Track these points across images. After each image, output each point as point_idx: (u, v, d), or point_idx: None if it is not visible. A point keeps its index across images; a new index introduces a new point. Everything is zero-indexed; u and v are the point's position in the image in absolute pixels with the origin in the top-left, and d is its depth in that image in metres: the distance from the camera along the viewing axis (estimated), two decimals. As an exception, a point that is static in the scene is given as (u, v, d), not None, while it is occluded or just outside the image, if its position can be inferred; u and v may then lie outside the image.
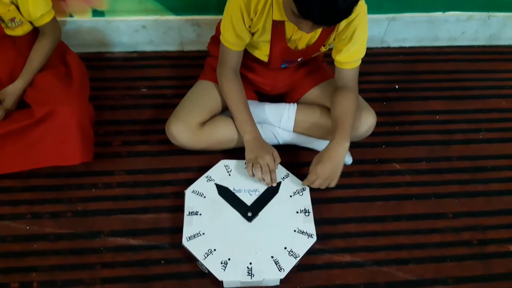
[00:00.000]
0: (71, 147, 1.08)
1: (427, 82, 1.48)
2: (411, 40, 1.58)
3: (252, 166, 1.07)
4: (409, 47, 1.59)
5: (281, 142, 1.22)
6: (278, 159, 1.09)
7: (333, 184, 1.04)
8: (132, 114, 1.31)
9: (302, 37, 1.03)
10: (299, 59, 1.12)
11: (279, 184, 1.11)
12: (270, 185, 1.08)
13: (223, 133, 1.15)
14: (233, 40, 1.04)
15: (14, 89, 1.11)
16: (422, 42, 1.59)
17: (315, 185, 1.04)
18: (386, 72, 1.50)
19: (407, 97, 1.43)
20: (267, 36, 1.03)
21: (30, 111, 1.08)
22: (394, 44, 1.58)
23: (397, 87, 1.46)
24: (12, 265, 1.02)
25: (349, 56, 1.05)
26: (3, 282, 0.99)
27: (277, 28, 1.00)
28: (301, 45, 1.06)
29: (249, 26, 1.02)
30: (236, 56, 1.09)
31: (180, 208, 1.07)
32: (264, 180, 1.07)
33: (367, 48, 1.07)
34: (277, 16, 0.97)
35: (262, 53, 1.11)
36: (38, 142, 1.08)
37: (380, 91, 1.43)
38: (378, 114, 1.16)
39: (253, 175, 1.08)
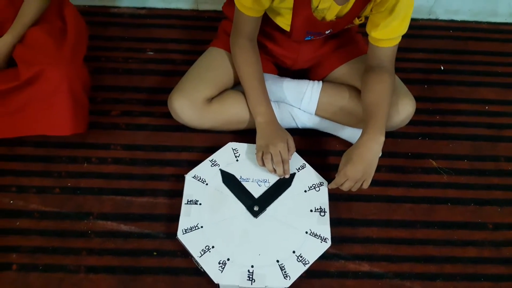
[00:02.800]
0: (60, 115, 0.99)
1: (478, 65, 1.34)
2: (464, 13, 1.44)
3: (263, 154, 0.96)
4: (461, 21, 1.45)
5: (300, 126, 1.10)
6: (293, 149, 0.97)
7: (365, 186, 0.92)
8: (135, 80, 1.22)
9: (331, 6, 0.88)
10: (327, 32, 0.97)
11: (292, 175, 0.99)
12: (282, 176, 0.97)
13: (233, 112, 1.04)
14: (249, 4, 0.89)
15: (1, 44, 1.00)
16: (477, 17, 1.45)
17: (345, 188, 0.92)
18: (431, 49, 1.37)
19: (453, 81, 1.30)
20: (289, 3, 0.88)
21: (16, 71, 0.97)
22: (443, 16, 1.45)
23: (442, 68, 1.33)
24: (-9, 243, 0.96)
25: (387, 33, 0.90)
26: (-21, 261, 0.93)
27: None
28: (330, 16, 0.91)
29: None
30: (253, 24, 0.96)
31: (180, 193, 0.99)
32: (275, 171, 0.96)
33: (411, 19, 0.92)
34: None
35: (285, 21, 0.96)
36: (24, 108, 0.98)
37: (422, 72, 1.31)
38: (417, 99, 1.04)
39: (263, 164, 0.97)
